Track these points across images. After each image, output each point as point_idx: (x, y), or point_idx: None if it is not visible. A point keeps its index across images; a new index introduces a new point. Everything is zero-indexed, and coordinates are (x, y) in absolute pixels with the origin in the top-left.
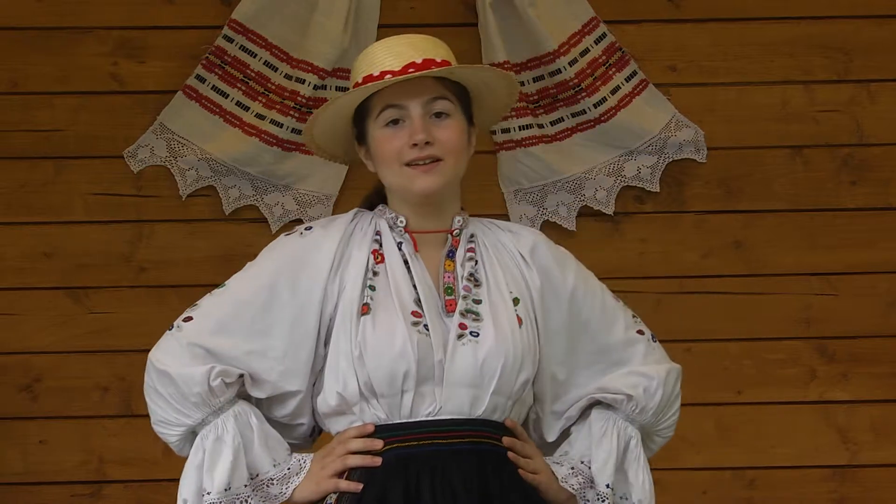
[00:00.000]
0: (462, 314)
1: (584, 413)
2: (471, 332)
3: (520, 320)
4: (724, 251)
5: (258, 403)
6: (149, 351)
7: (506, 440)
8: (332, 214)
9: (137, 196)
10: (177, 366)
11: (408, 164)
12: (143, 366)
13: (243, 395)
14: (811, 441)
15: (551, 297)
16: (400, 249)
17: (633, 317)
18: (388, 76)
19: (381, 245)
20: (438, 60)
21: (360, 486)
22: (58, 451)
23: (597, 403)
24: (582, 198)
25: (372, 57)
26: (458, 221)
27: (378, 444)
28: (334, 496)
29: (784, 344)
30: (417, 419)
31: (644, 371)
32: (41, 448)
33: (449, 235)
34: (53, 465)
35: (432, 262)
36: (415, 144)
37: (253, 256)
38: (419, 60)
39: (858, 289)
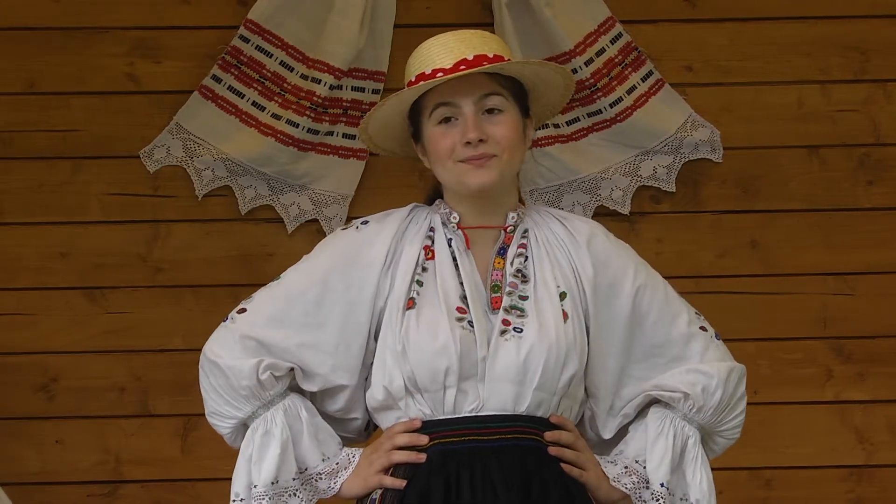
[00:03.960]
0: (506, 310)
1: (643, 411)
2: (514, 329)
3: (565, 315)
4: (741, 251)
5: (311, 398)
6: (164, 351)
7: (549, 434)
8: (349, 214)
9: (154, 196)
10: (228, 358)
11: (461, 161)
12: (160, 366)
13: (295, 389)
14: (827, 441)
15: (607, 289)
16: (450, 246)
17: (697, 314)
18: (440, 74)
19: (433, 241)
20: (490, 56)
21: (403, 483)
22: (74, 450)
23: (655, 401)
24: (598, 198)
25: (425, 54)
26: (513, 218)
27: (423, 439)
28: (379, 492)
29: (800, 344)
30: (460, 415)
31: (704, 369)
32: (57, 448)
33: (502, 231)
34: (70, 465)
35: (483, 258)
36: (468, 143)
37: (269, 256)
38: (470, 57)
39: (875, 289)
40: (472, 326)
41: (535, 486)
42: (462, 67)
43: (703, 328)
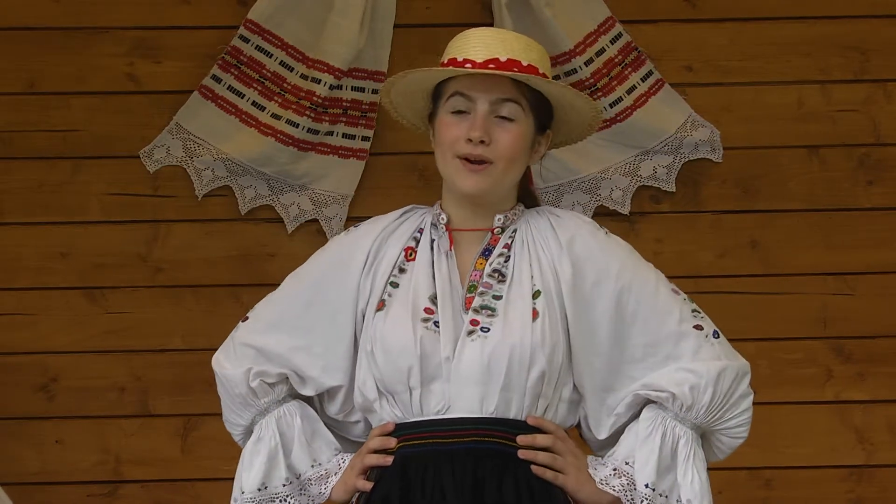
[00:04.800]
0: (476, 310)
1: (639, 411)
2: (482, 328)
3: (535, 313)
4: (741, 251)
5: (319, 403)
6: (164, 351)
7: (522, 438)
8: (349, 214)
9: (154, 196)
10: (226, 367)
11: (459, 157)
12: (160, 366)
13: (300, 396)
14: (827, 441)
15: (589, 288)
16: (432, 247)
17: (694, 311)
18: (468, 65)
19: (417, 242)
20: (524, 64)
21: (369, 486)
22: (74, 450)
23: (651, 401)
24: (598, 197)
25: (464, 42)
26: (499, 220)
27: (391, 442)
28: (356, 495)
29: (800, 344)
30: (427, 418)
31: (693, 367)
32: (57, 448)
33: (489, 233)
34: (70, 465)
35: (469, 260)
36: (470, 140)
37: (269, 256)
38: (503, 59)
39: (875, 288)
40: (438, 327)
41: (489, 492)
42: (491, 66)
43: (698, 326)
